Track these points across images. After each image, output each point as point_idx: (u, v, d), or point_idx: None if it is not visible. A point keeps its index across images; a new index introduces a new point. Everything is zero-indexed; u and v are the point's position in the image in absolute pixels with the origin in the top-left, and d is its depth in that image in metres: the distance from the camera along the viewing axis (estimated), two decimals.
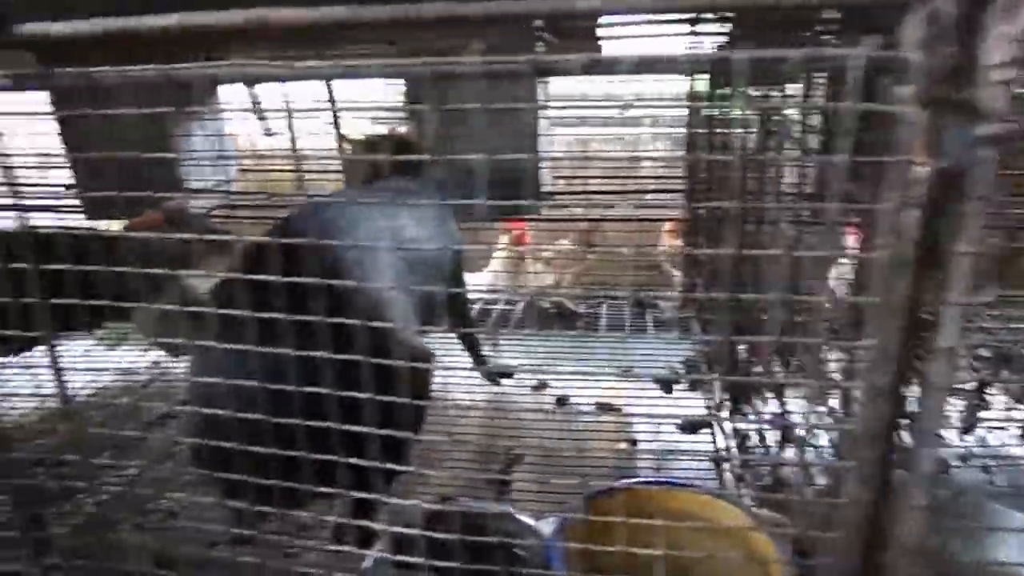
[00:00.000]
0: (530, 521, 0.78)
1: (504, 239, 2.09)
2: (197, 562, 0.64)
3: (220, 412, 0.60)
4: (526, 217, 1.84)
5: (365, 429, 0.56)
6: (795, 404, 0.87)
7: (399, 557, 0.61)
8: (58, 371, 0.55)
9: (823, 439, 0.80)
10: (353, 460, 0.56)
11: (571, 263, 2.17)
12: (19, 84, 0.48)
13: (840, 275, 0.82)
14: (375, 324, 0.61)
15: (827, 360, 0.82)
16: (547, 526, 0.78)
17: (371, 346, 0.57)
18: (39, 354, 0.66)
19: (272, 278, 0.56)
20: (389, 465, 0.58)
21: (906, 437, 0.50)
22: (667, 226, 2.20)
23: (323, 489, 0.58)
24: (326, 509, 0.75)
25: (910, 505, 0.49)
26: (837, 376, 0.69)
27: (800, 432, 0.76)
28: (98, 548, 0.64)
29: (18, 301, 0.54)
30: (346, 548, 0.63)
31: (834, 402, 0.73)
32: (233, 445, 0.61)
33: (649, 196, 1.73)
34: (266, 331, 0.59)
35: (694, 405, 1.32)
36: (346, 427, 0.57)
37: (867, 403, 0.46)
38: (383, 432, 0.57)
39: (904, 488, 0.50)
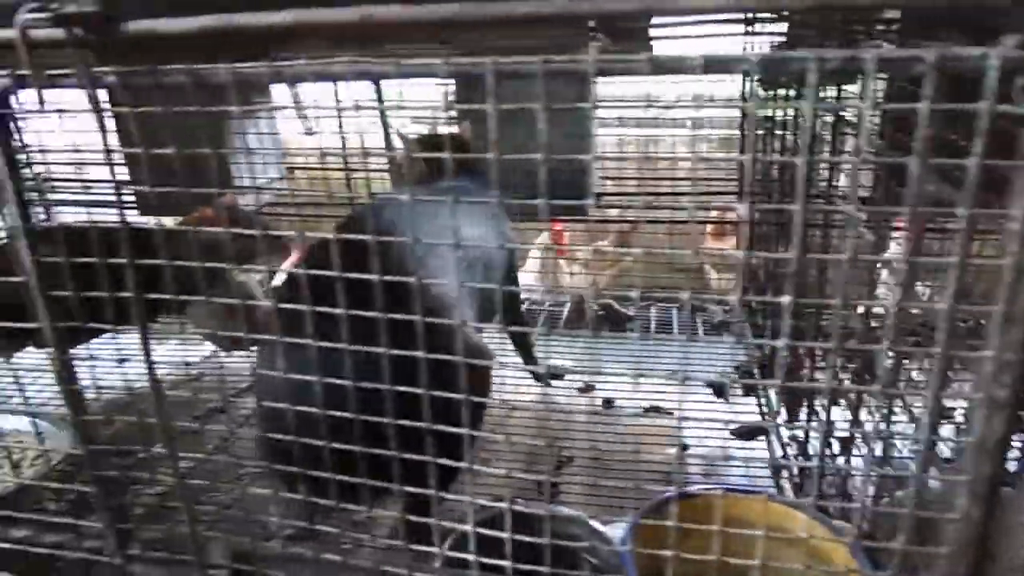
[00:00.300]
0: (598, 525, 0.77)
1: (541, 239, 2.08)
2: (273, 557, 0.64)
3: (294, 408, 0.61)
4: (569, 218, 1.83)
5: (451, 428, 0.56)
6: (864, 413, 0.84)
7: (473, 557, 0.61)
8: (150, 363, 0.56)
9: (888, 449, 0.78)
10: (443, 461, 0.56)
11: (608, 264, 2.15)
12: (126, 81, 0.48)
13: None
14: (440, 321, 0.61)
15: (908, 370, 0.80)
16: (614, 530, 0.77)
17: (437, 344, 0.57)
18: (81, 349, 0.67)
19: (340, 275, 0.56)
20: (454, 463, 0.57)
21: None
22: (710, 228, 2.17)
23: (409, 488, 0.57)
24: (383, 506, 0.75)
25: (1020, 522, 0.47)
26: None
27: (875, 441, 0.74)
28: (175, 539, 0.65)
29: (89, 292, 0.54)
30: (427, 547, 0.62)
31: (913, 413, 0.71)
32: (310, 441, 0.61)
33: (703, 198, 1.71)
34: (332, 328, 0.59)
35: (746, 411, 1.30)
36: (426, 425, 0.56)
37: (984, 416, 0.44)
38: (454, 430, 0.57)
39: (1012, 503, 0.48)
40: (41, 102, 0.48)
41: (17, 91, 0.49)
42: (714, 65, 0.40)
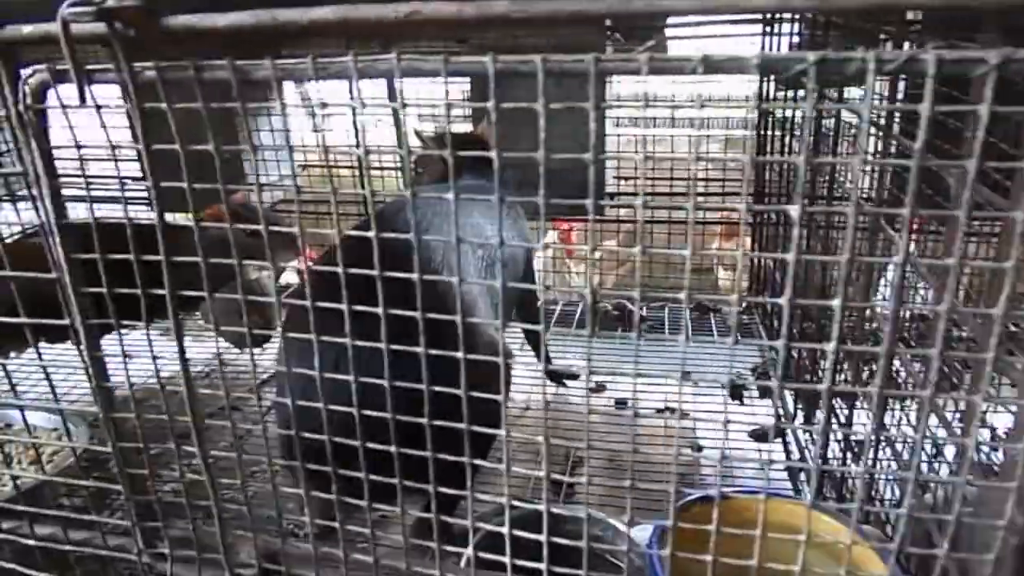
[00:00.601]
0: (623, 527, 0.77)
1: (549, 238, 2.08)
2: (302, 556, 0.63)
3: (310, 405, 0.60)
4: (578, 218, 1.83)
5: (486, 429, 0.55)
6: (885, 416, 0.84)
7: (502, 558, 0.60)
8: (184, 359, 0.55)
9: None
10: (478, 461, 0.55)
11: (617, 264, 2.14)
12: (164, 76, 0.48)
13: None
14: (464, 319, 0.61)
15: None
16: (640, 532, 0.77)
17: (461, 344, 0.56)
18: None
19: (367, 272, 0.55)
20: (478, 461, 0.57)
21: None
22: (718, 229, 2.17)
23: (448, 490, 0.57)
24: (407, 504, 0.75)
25: None
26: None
27: (904, 447, 0.74)
28: (201, 537, 0.64)
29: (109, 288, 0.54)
30: (453, 547, 0.62)
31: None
32: (343, 440, 0.60)
33: (718, 198, 1.70)
34: (358, 326, 0.58)
35: (761, 412, 1.30)
36: (464, 426, 0.56)
37: None
38: (479, 429, 0.56)
39: None
40: (82, 97, 0.47)
41: (56, 86, 0.49)
42: (769, 64, 0.40)
